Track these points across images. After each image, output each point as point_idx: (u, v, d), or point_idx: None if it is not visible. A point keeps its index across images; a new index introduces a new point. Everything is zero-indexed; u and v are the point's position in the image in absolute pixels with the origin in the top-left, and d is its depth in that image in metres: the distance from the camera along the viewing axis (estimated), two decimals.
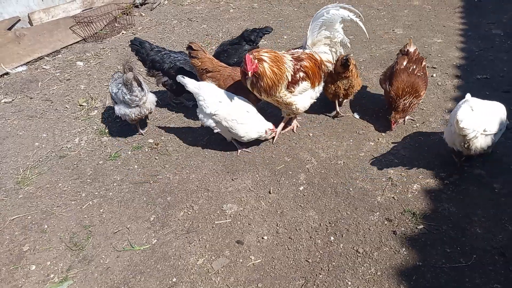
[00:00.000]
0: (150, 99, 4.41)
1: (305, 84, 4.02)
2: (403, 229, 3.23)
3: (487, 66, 5.31)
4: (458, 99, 4.70)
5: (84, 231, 3.51)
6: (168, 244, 3.31)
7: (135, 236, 3.42)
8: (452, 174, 3.68)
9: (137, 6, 8.45)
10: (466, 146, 3.30)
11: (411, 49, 4.31)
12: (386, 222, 3.31)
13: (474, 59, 5.51)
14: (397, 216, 3.35)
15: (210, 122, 3.99)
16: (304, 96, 4.10)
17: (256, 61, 3.69)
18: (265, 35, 4.96)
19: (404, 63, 4.20)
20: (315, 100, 4.31)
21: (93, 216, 3.65)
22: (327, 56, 4.20)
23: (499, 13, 6.69)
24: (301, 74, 3.96)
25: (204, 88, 3.96)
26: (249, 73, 3.65)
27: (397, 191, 3.58)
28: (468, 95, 3.42)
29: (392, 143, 4.14)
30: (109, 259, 3.24)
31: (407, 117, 4.37)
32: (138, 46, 4.89)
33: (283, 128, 4.40)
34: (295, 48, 4.29)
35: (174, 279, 3.03)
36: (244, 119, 3.95)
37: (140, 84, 4.19)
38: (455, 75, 5.18)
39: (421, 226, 3.23)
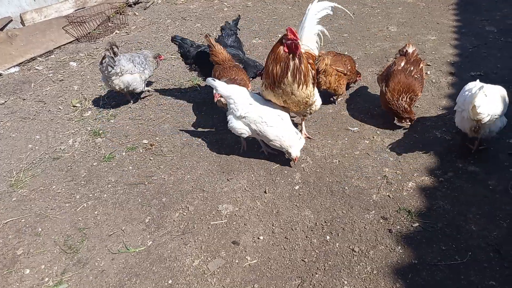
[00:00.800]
0: (122, 79, 4.83)
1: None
2: (398, 227, 3.24)
3: (480, 63, 5.32)
4: (452, 96, 4.72)
5: (79, 233, 3.49)
6: (163, 246, 3.29)
7: (130, 238, 3.40)
8: (447, 171, 3.68)
9: (130, 5, 8.42)
10: (475, 130, 3.51)
11: (410, 50, 4.32)
12: (381, 221, 3.31)
13: (468, 56, 5.52)
14: (393, 214, 3.35)
15: (239, 125, 3.84)
16: (316, 92, 4.01)
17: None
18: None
19: (402, 64, 4.20)
20: None
21: (88, 218, 3.62)
22: (316, 51, 4.18)
23: (492, 10, 6.72)
24: (313, 71, 3.93)
25: (235, 91, 3.86)
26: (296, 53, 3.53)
27: (392, 189, 3.58)
28: (478, 81, 3.63)
29: (387, 141, 4.14)
30: (104, 262, 3.22)
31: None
32: (179, 42, 5.00)
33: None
34: None
35: (170, 281, 3.02)
36: (274, 122, 3.76)
37: (109, 63, 4.66)
38: (449, 72, 5.20)
39: (417, 224, 3.23)
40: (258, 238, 3.28)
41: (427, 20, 6.67)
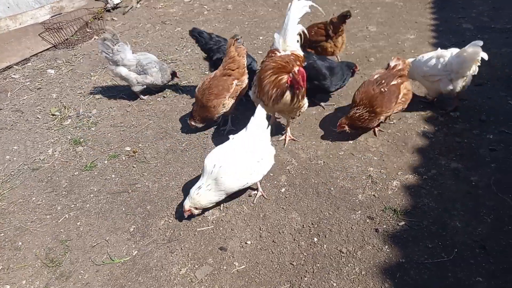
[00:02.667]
0: (116, 69, 4.99)
1: None
2: (385, 226, 3.25)
3: None
4: None
5: (61, 246, 3.39)
6: (149, 255, 3.23)
7: (115, 249, 3.32)
8: (430, 169, 3.72)
9: (108, 11, 8.27)
10: (463, 86, 4.17)
11: (392, 63, 4.15)
12: (368, 220, 3.32)
13: None
14: (379, 214, 3.36)
15: None
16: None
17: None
18: None
19: (376, 76, 4.06)
20: None
21: (70, 230, 3.53)
22: (300, 51, 4.12)
23: (468, 8, 6.84)
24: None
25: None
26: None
27: (378, 189, 3.60)
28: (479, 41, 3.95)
29: (370, 140, 4.16)
30: (88, 274, 3.13)
31: (377, 129, 4.23)
32: (197, 36, 4.97)
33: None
34: (276, 51, 4.03)
35: None
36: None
37: (103, 49, 4.90)
38: None
39: (403, 223, 3.25)
40: (246, 243, 3.25)
41: (405, 19, 6.75)
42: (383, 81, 3.94)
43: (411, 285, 2.80)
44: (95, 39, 7.23)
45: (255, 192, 3.68)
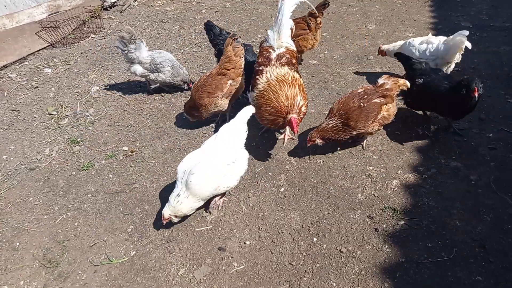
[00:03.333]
0: (132, 67, 5.08)
1: None
2: (384, 226, 3.23)
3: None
4: None
5: (59, 246, 3.36)
6: (147, 255, 3.21)
7: (113, 249, 3.29)
8: (430, 168, 3.71)
9: (106, 9, 8.23)
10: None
11: (380, 81, 3.91)
12: (367, 220, 3.31)
13: None
14: (378, 213, 3.35)
15: None
16: None
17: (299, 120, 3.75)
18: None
19: (360, 90, 3.84)
20: None
21: (68, 230, 3.50)
22: (294, 46, 4.19)
23: (467, 6, 6.83)
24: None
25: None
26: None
27: (377, 188, 3.58)
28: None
29: (370, 139, 4.14)
30: (86, 275, 3.11)
31: (363, 142, 4.05)
32: (207, 29, 5.08)
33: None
34: (270, 48, 4.08)
35: None
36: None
37: (120, 45, 5.01)
38: None
39: (402, 222, 3.23)
40: (245, 243, 3.23)
41: (404, 18, 6.73)
42: (366, 96, 3.72)
43: (411, 284, 2.79)
44: (92, 37, 7.19)
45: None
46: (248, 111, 3.53)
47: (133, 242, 3.33)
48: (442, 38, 4.48)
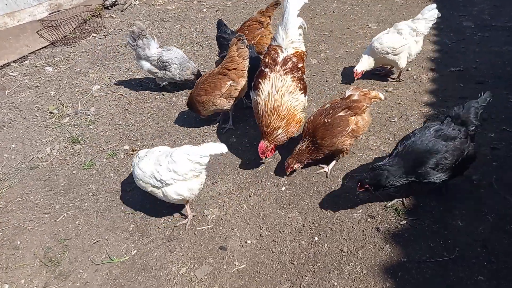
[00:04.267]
0: (140, 62, 5.15)
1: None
2: (386, 225, 3.22)
3: (460, 58, 5.38)
4: (433, 92, 4.76)
5: (60, 245, 3.36)
6: (148, 254, 3.20)
7: (114, 248, 3.29)
8: None
9: (107, 8, 8.23)
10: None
11: (347, 93, 3.74)
12: (369, 219, 3.30)
13: (447, 51, 5.58)
14: (380, 213, 3.34)
15: None
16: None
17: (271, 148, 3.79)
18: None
19: (327, 105, 3.69)
20: None
21: (69, 229, 3.50)
22: (304, 46, 4.08)
23: (469, 6, 6.80)
24: (303, 76, 3.94)
25: None
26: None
27: None
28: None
29: (372, 139, 4.13)
30: (87, 274, 3.11)
31: (329, 168, 3.81)
32: (217, 26, 5.14)
33: None
34: (278, 48, 3.94)
35: None
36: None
37: (129, 41, 5.07)
38: (430, 68, 5.23)
39: (404, 222, 3.22)
40: (246, 242, 3.23)
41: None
42: (331, 111, 3.57)
43: (412, 284, 2.78)
44: (93, 36, 7.19)
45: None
46: (215, 149, 3.17)
47: (134, 241, 3.33)
48: (408, 21, 4.83)
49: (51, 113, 5.11)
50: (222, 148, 3.17)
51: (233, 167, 3.98)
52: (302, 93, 3.82)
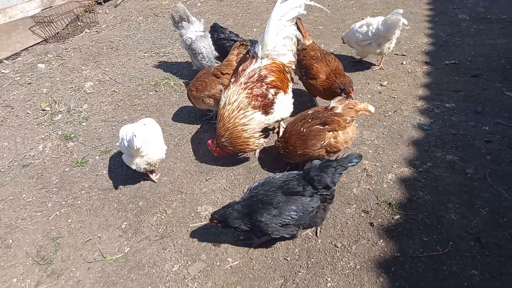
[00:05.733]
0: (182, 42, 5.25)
1: (280, 96, 3.73)
2: (380, 220, 3.21)
3: (454, 51, 5.36)
4: (428, 85, 4.74)
5: (52, 243, 3.34)
6: (141, 252, 3.18)
7: (107, 245, 3.27)
8: (426, 161, 3.69)
9: (100, 3, 8.15)
10: (388, 47, 4.87)
11: (331, 103, 3.50)
12: (363, 214, 3.29)
13: (442, 44, 5.55)
14: (374, 208, 3.32)
15: None
16: (283, 104, 3.79)
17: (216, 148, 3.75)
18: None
19: (310, 112, 3.54)
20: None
21: (61, 227, 3.47)
22: (287, 58, 3.86)
23: None
24: (272, 91, 3.66)
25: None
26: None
27: (373, 182, 3.56)
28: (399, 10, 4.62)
29: (366, 133, 4.12)
30: (80, 272, 3.09)
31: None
32: (213, 30, 5.14)
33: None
34: (254, 58, 3.82)
35: None
36: None
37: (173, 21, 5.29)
38: (425, 62, 5.21)
39: (398, 216, 3.21)
40: (239, 239, 3.21)
41: None
42: (310, 120, 3.41)
43: (405, 278, 2.77)
44: (86, 32, 7.12)
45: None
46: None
47: (127, 238, 3.31)
48: (380, 19, 4.80)
49: (43, 110, 5.06)
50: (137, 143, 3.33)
51: (226, 163, 3.96)
52: (257, 111, 3.59)
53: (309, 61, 4.17)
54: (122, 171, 3.98)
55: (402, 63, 5.22)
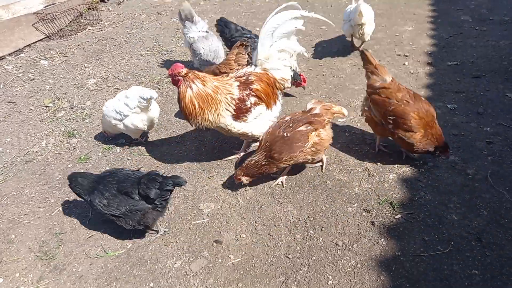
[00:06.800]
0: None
1: (259, 108, 3.60)
2: (381, 219, 3.23)
3: (457, 52, 5.38)
4: (430, 86, 4.76)
5: (55, 239, 3.35)
6: (143, 248, 3.20)
7: (109, 242, 3.29)
8: (427, 161, 3.70)
9: (103, 1, 8.18)
10: (361, 33, 5.26)
11: (308, 105, 3.51)
12: (364, 213, 3.30)
13: (445, 45, 5.57)
14: (375, 207, 3.34)
15: None
16: (261, 120, 3.65)
17: (181, 78, 3.37)
18: None
19: (287, 118, 3.46)
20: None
21: (64, 222, 3.49)
22: (280, 73, 3.70)
23: (467, 0, 6.79)
24: (253, 99, 3.53)
25: None
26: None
27: (374, 181, 3.57)
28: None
29: (367, 133, 4.13)
30: (82, 267, 3.11)
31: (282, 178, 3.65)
32: (222, 27, 5.05)
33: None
34: (247, 65, 3.85)
35: (152, 284, 2.93)
36: None
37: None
38: (427, 63, 5.23)
39: (399, 216, 3.23)
40: (241, 236, 3.23)
41: (403, 11, 6.69)
42: (291, 125, 3.35)
43: (406, 277, 2.79)
44: (89, 29, 7.14)
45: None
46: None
47: (129, 234, 3.32)
48: (354, 4, 5.29)
49: (46, 106, 5.08)
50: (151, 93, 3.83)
51: (229, 161, 3.97)
52: (229, 113, 3.46)
53: (401, 108, 3.42)
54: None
55: (404, 64, 5.23)
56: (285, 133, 3.33)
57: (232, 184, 3.70)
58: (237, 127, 3.57)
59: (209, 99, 3.39)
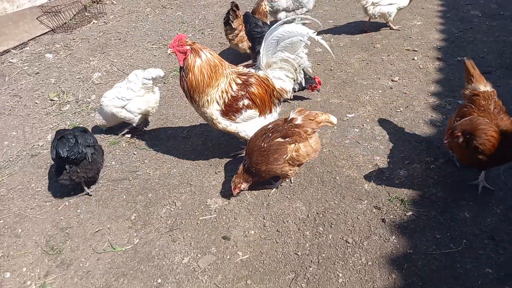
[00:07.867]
0: None
1: (251, 112, 3.47)
2: (391, 216, 3.18)
3: (467, 47, 5.30)
4: (440, 81, 4.69)
5: (61, 233, 3.33)
6: (151, 244, 3.17)
7: (116, 237, 3.25)
8: (438, 158, 3.64)
9: None
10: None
11: (290, 115, 3.26)
12: (374, 210, 3.25)
13: (454, 40, 5.49)
14: (385, 204, 3.29)
15: None
16: (252, 124, 3.52)
17: (188, 48, 3.22)
18: None
19: (270, 126, 3.29)
20: None
21: (70, 217, 3.46)
22: (281, 83, 3.56)
23: None
24: (246, 101, 3.41)
25: None
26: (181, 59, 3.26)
27: (384, 178, 3.52)
28: None
29: (377, 129, 4.08)
30: (89, 262, 3.08)
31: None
32: (245, 18, 5.10)
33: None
34: (250, 66, 3.70)
35: (159, 280, 2.90)
36: None
37: None
38: (436, 58, 5.15)
39: (410, 213, 3.18)
40: (249, 232, 3.19)
41: (412, 5, 6.57)
42: (270, 134, 3.18)
43: (418, 275, 2.74)
44: (93, 23, 7.09)
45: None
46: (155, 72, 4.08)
47: (136, 230, 3.29)
48: None
49: (51, 100, 5.05)
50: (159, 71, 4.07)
51: (236, 156, 3.93)
52: (218, 107, 3.37)
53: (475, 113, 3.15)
54: (131, 162, 3.96)
55: (413, 59, 5.16)
56: (263, 143, 3.17)
57: None
58: (222, 123, 3.46)
59: (217, 69, 3.30)
